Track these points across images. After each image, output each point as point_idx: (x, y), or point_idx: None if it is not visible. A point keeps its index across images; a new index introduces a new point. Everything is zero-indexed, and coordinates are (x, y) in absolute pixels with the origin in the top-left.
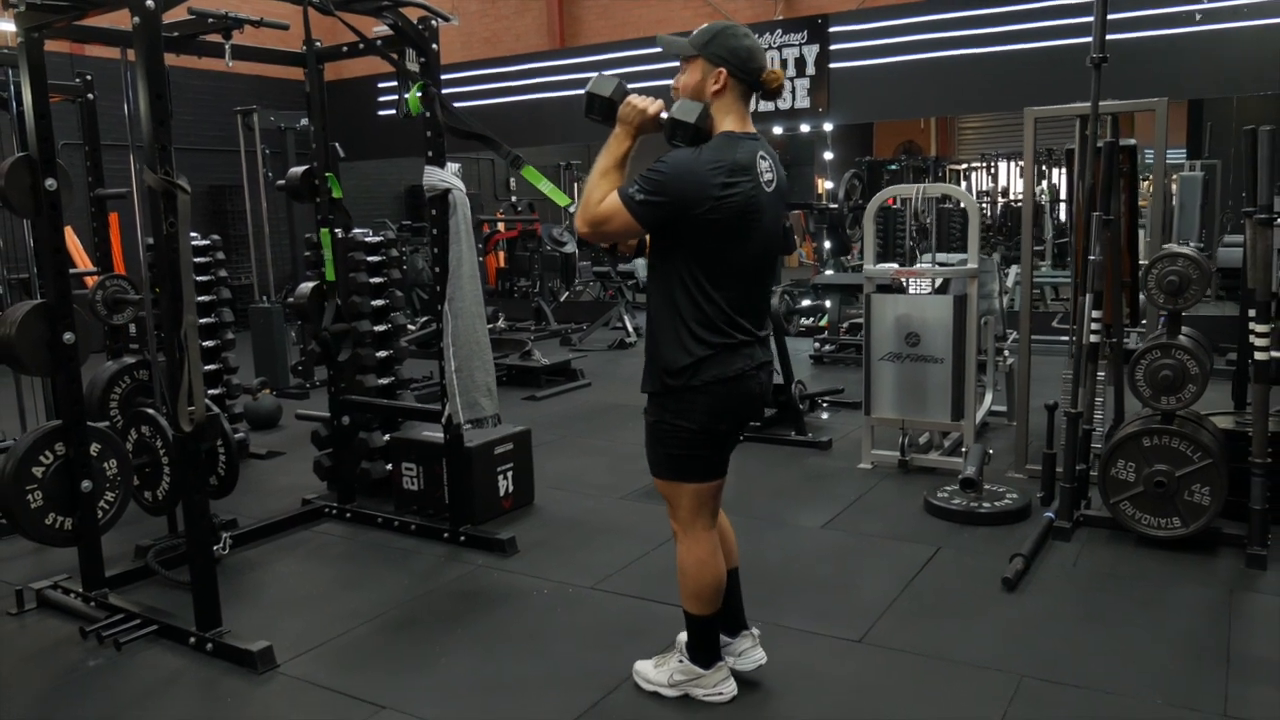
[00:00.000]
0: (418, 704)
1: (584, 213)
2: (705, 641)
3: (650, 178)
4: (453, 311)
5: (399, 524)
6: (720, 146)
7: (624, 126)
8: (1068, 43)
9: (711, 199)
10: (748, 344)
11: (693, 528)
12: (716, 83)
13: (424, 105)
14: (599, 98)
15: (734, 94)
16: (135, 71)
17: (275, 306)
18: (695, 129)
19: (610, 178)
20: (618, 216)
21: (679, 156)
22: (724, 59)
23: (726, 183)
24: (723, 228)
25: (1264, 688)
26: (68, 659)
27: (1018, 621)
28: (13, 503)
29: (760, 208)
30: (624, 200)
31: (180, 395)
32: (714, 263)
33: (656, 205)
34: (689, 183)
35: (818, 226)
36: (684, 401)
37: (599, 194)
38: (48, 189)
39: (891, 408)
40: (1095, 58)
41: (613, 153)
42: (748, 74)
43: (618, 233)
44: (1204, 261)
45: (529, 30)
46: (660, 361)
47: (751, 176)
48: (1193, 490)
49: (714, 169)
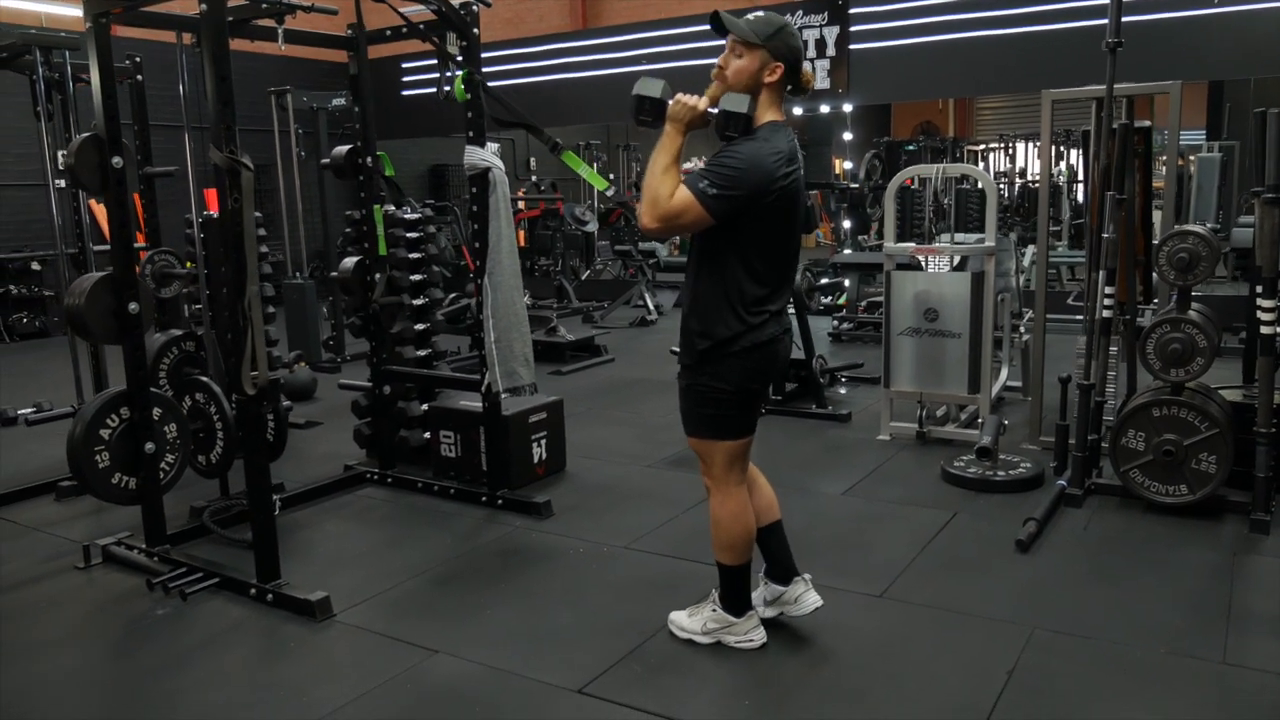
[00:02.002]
0: (467, 649)
1: (653, 209)
2: (736, 590)
3: (724, 172)
4: (492, 285)
5: (438, 488)
6: (774, 136)
7: (674, 124)
8: (1087, 24)
9: (777, 189)
10: (779, 313)
11: (725, 483)
12: (772, 75)
13: (469, 92)
14: (648, 99)
15: (780, 89)
16: (187, 54)
17: (308, 282)
18: (748, 119)
19: (671, 173)
20: (690, 210)
21: (749, 150)
22: (784, 55)
23: (786, 172)
24: (779, 214)
25: (1262, 639)
26: (137, 608)
27: (1030, 580)
28: (83, 463)
29: (801, 192)
30: (697, 195)
31: (244, 361)
32: (768, 246)
33: (731, 198)
34: (760, 174)
35: (838, 206)
36: (723, 365)
37: (666, 189)
38: (114, 166)
39: (910, 381)
40: (1110, 42)
41: (668, 150)
42: (795, 73)
43: (689, 226)
44: (1213, 239)
45: (551, 11)
46: (706, 334)
47: (796, 164)
48: (1200, 459)
49: (775, 159)
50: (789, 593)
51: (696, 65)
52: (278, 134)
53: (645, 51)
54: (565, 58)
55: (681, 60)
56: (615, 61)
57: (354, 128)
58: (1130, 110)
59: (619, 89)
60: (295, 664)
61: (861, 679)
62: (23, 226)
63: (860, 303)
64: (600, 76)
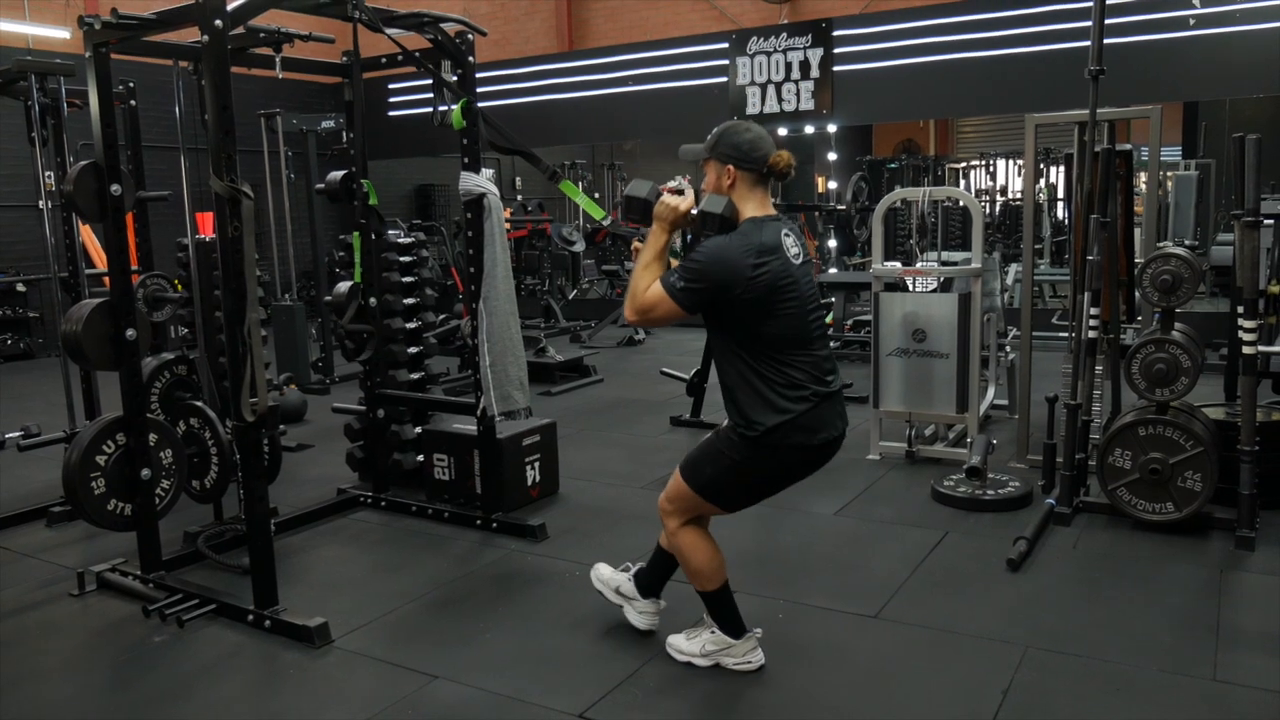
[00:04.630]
0: (467, 674)
1: (632, 302)
2: (725, 613)
3: (690, 267)
4: (488, 310)
5: (432, 512)
6: (747, 232)
7: (660, 223)
8: (1067, 46)
9: (745, 279)
10: (828, 398)
11: (679, 516)
12: (728, 178)
13: (467, 121)
14: (637, 199)
15: (747, 184)
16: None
17: (298, 304)
18: (722, 219)
19: (653, 269)
20: (663, 304)
21: (711, 245)
22: (730, 156)
23: (756, 263)
24: (761, 302)
25: (1250, 656)
26: (132, 636)
27: (1022, 598)
28: (79, 489)
29: (793, 277)
30: (667, 289)
31: (243, 387)
32: (763, 331)
33: (697, 290)
34: (724, 267)
35: (825, 226)
36: (762, 452)
37: (644, 284)
38: (113, 194)
39: (899, 401)
40: (1093, 70)
41: (653, 247)
42: (754, 164)
43: (664, 318)
44: (1195, 261)
45: (538, 33)
46: (746, 416)
47: (778, 254)
48: (1185, 477)
49: (744, 252)
50: (641, 604)
51: (681, 87)
52: (267, 156)
53: (631, 73)
54: (552, 79)
55: (667, 82)
56: (601, 83)
57: (345, 151)
58: (1112, 134)
59: (605, 109)
60: (296, 691)
61: (859, 700)
62: (7, 248)
63: (847, 322)
64: (586, 97)
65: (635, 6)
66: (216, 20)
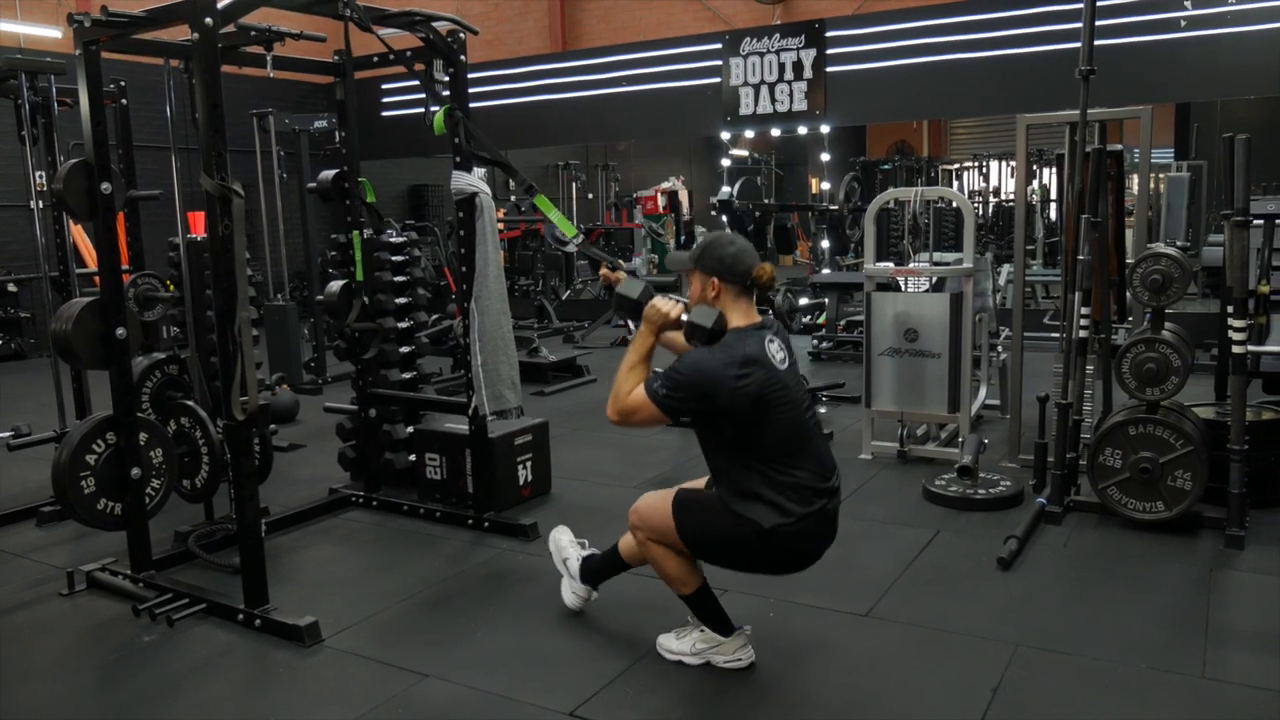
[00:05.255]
0: (458, 673)
1: (615, 403)
2: (710, 612)
3: (673, 377)
4: (479, 309)
5: (424, 511)
6: (730, 344)
7: (648, 325)
8: (1059, 48)
9: (729, 391)
10: (831, 497)
11: (650, 537)
12: (713, 290)
13: (448, 128)
14: (628, 299)
15: (731, 295)
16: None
17: (290, 304)
18: (711, 331)
19: (638, 371)
20: (645, 409)
21: (694, 358)
22: (713, 269)
23: (739, 374)
24: (751, 413)
25: (1239, 654)
26: (122, 635)
27: (1012, 597)
28: (68, 488)
29: (781, 383)
30: (650, 394)
31: (234, 386)
32: (763, 440)
33: (680, 400)
34: (707, 380)
35: (818, 227)
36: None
37: (628, 387)
38: (103, 193)
39: (891, 401)
40: (1083, 70)
41: (639, 349)
42: (738, 277)
43: (647, 421)
44: (1185, 261)
45: (531, 33)
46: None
47: (762, 364)
48: (1176, 476)
49: (727, 364)
50: (579, 587)
51: (675, 87)
52: (259, 155)
53: (624, 73)
54: (545, 79)
55: (660, 82)
56: (595, 83)
57: (338, 150)
58: (1103, 134)
59: (598, 110)
60: (286, 690)
61: (849, 698)
62: None
63: (840, 322)
64: (580, 98)
65: (628, 7)
66: (207, 18)
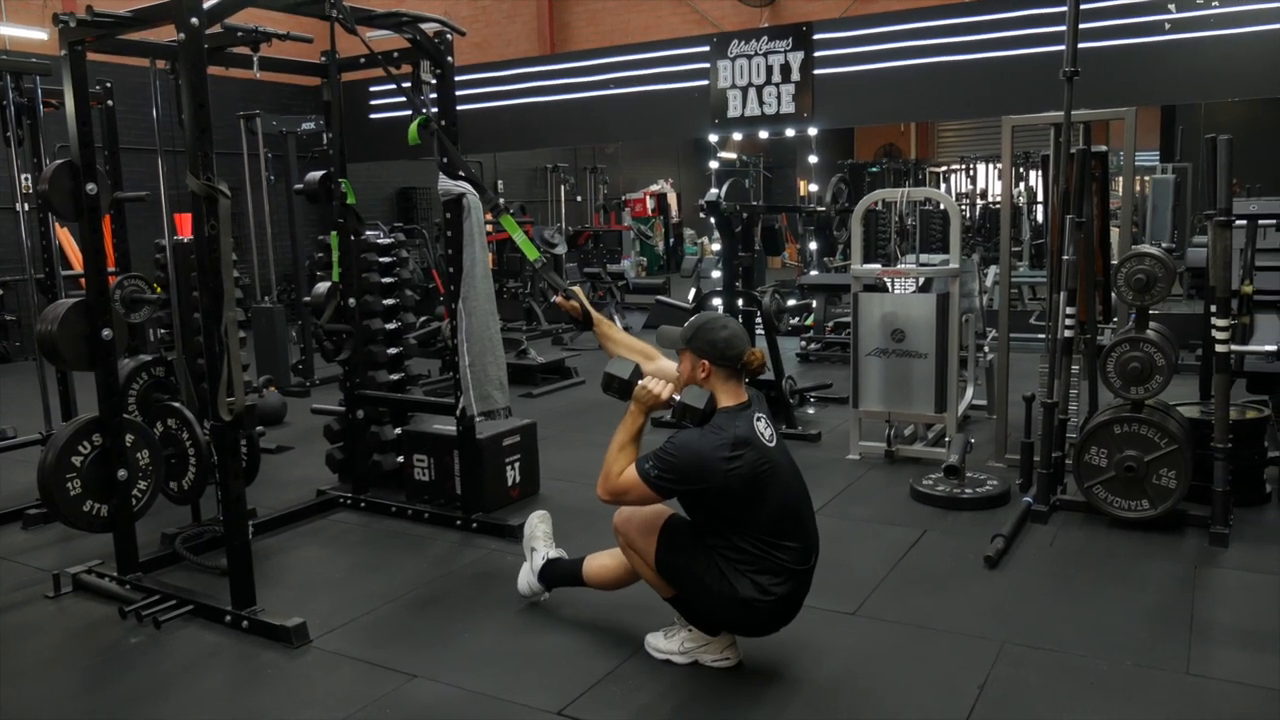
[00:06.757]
0: (446, 673)
1: (605, 483)
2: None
3: (664, 458)
4: (467, 310)
5: (412, 513)
6: (721, 426)
7: (638, 405)
8: (1045, 50)
9: (721, 473)
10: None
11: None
12: (703, 371)
13: (422, 139)
14: (617, 378)
15: (720, 376)
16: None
17: (278, 306)
18: (703, 413)
19: (628, 451)
20: (637, 489)
21: (685, 439)
22: (705, 352)
23: (730, 456)
24: (739, 493)
25: (1223, 650)
26: (109, 637)
27: (999, 595)
28: (54, 490)
29: (771, 461)
30: (641, 476)
31: (221, 386)
32: (759, 518)
33: (671, 481)
34: (697, 462)
35: (805, 229)
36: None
37: (619, 467)
38: (89, 193)
39: (878, 401)
40: (1067, 71)
41: (628, 429)
42: (728, 360)
43: (637, 501)
44: (1169, 260)
45: (519, 36)
46: (730, 575)
47: (753, 445)
48: (1160, 474)
49: (718, 447)
50: (535, 581)
51: (662, 90)
52: (247, 158)
53: (612, 76)
54: (533, 81)
55: (648, 85)
56: (583, 85)
57: (325, 152)
58: (1088, 135)
59: (587, 112)
60: (273, 691)
61: (837, 696)
62: None
63: (828, 323)
64: (568, 100)
65: (616, 10)
66: (193, 18)
